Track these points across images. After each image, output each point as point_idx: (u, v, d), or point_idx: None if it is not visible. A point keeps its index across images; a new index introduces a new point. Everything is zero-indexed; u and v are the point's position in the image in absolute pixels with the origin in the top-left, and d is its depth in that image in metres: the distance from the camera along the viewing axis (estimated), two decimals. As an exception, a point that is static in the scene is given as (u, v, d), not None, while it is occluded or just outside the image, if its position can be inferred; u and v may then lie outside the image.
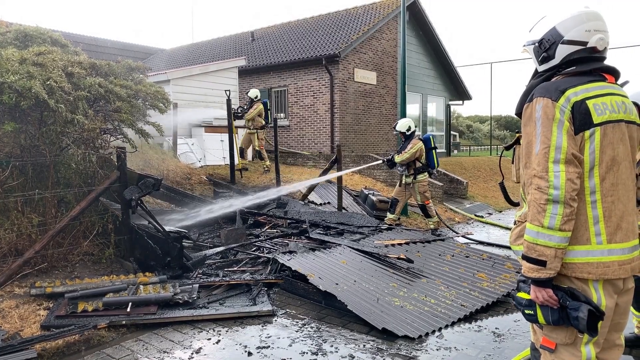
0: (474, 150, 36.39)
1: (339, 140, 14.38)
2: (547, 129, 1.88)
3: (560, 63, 2.02)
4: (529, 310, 1.98)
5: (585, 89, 1.92)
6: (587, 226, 1.91)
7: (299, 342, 3.77)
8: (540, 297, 1.91)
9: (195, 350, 3.62)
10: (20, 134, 5.01)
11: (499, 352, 3.60)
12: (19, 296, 4.37)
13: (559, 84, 1.94)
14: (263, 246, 6.21)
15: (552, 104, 1.89)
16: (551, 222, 1.85)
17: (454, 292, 4.73)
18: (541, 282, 1.90)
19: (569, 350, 1.98)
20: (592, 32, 1.98)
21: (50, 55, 5.38)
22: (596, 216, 1.91)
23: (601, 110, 1.90)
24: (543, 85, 1.98)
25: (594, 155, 1.90)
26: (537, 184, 1.88)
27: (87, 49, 9.87)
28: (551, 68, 2.05)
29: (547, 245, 1.87)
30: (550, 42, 2.02)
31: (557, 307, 1.90)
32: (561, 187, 1.83)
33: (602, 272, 1.90)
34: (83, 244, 5.31)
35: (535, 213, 1.89)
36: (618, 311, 2.03)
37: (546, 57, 2.05)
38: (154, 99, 6.89)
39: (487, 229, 9.20)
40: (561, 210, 1.84)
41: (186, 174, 9.51)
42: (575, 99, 1.89)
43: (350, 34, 15.34)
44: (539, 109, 1.91)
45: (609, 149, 1.91)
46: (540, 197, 1.87)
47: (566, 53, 2.01)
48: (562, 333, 1.97)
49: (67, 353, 3.58)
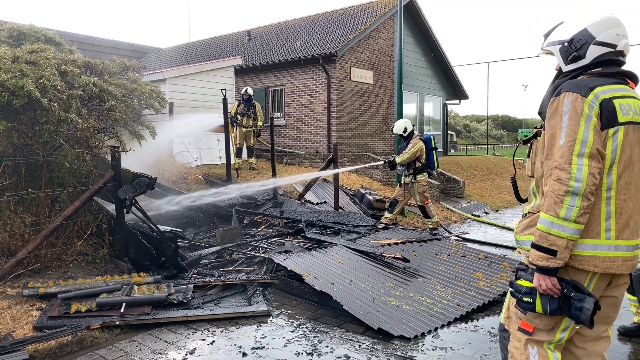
0: (471, 149, 36.46)
1: (335, 139, 14.34)
2: (575, 122, 1.93)
3: (590, 63, 2.07)
4: (527, 297, 2.03)
5: (612, 89, 1.98)
6: (599, 221, 1.97)
7: (294, 343, 3.74)
8: (544, 285, 1.96)
9: (190, 351, 3.59)
10: (12, 133, 4.96)
11: (495, 352, 3.58)
12: (12, 297, 4.32)
13: (587, 82, 1.99)
14: (259, 246, 6.18)
15: (582, 99, 1.94)
16: (567, 213, 1.90)
17: (450, 291, 4.72)
18: (548, 271, 1.95)
19: (545, 333, 2.08)
20: (621, 36, 2.06)
21: (43, 54, 5.32)
22: (609, 212, 1.97)
23: (626, 111, 1.98)
24: (572, 82, 2.03)
25: (615, 153, 1.96)
26: (558, 175, 1.92)
27: (82, 47, 9.80)
28: (579, 68, 2.10)
29: (560, 236, 1.92)
30: (582, 42, 2.07)
31: (557, 297, 1.95)
32: (583, 180, 1.88)
33: (608, 267, 1.97)
34: (77, 244, 5.26)
35: (552, 203, 1.93)
36: (608, 304, 2.11)
37: (577, 57, 2.09)
38: (149, 98, 6.86)
39: (483, 228, 9.20)
40: (579, 202, 1.89)
41: (182, 174, 9.47)
42: (604, 96, 1.95)
43: (347, 33, 15.31)
44: (567, 102, 1.96)
45: (628, 148, 1.98)
46: (560, 188, 1.91)
47: (597, 54, 2.06)
48: (547, 320, 2.06)
49: (59, 354, 3.55)
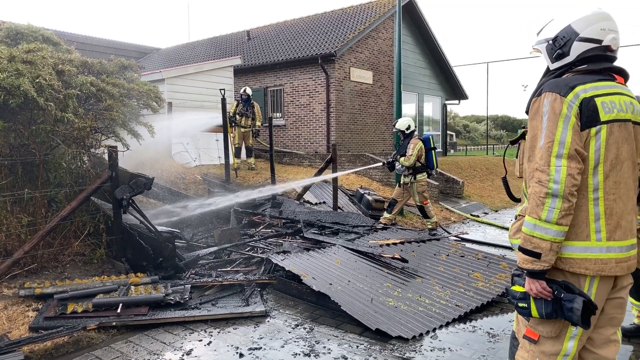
0: (470, 149, 36.43)
1: (335, 139, 14.32)
2: (553, 123, 1.90)
3: (575, 60, 2.04)
4: (522, 303, 2.01)
5: (595, 87, 1.94)
6: (587, 222, 1.93)
7: (292, 343, 3.72)
8: (534, 288, 1.94)
9: (186, 352, 3.57)
10: (9, 132, 4.94)
11: (493, 353, 3.56)
12: (8, 297, 4.30)
13: (569, 81, 1.96)
14: (257, 246, 6.16)
15: (560, 99, 1.90)
16: (549, 215, 1.87)
17: (449, 292, 4.69)
18: (535, 274, 1.93)
19: (551, 342, 2.01)
20: (607, 30, 2.00)
21: (40, 53, 5.30)
22: (597, 213, 1.93)
23: (609, 109, 1.92)
24: (553, 81, 2.00)
25: (599, 152, 1.92)
26: (538, 177, 1.90)
27: (81, 47, 9.77)
28: (564, 65, 2.07)
29: (543, 238, 1.89)
30: (566, 39, 2.04)
31: (550, 300, 1.92)
32: (561, 181, 1.85)
33: (600, 269, 1.92)
34: (74, 244, 5.24)
35: (534, 206, 1.91)
36: (613, 305, 2.05)
37: (561, 54, 2.06)
38: (147, 97, 6.83)
39: (483, 229, 9.18)
40: (559, 204, 1.86)
41: (180, 174, 9.45)
42: (584, 95, 1.91)
43: (346, 33, 15.29)
44: (546, 103, 1.93)
45: (614, 147, 1.92)
46: (540, 190, 1.89)
47: (581, 50, 2.02)
48: (549, 326, 2.00)
49: (55, 355, 3.52)
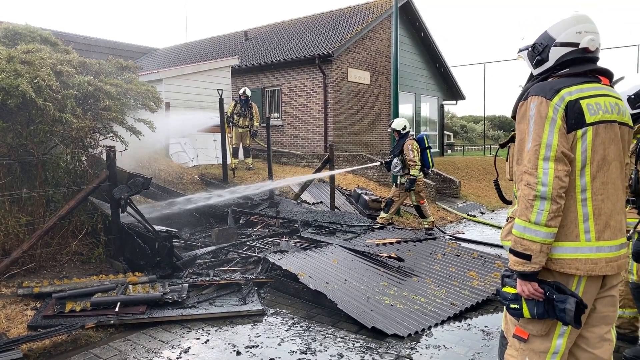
0: (468, 150, 36.47)
1: (332, 139, 14.36)
2: (540, 126, 1.92)
3: (554, 65, 2.07)
4: (514, 304, 2.02)
5: (580, 89, 1.96)
6: (576, 223, 1.95)
7: (288, 342, 3.75)
8: (526, 290, 1.96)
9: (184, 350, 3.60)
10: (7, 132, 4.96)
11: (487, 350, 3.61)
12: (6, 296, 4.32)
13: (554, 84, 1.99)
14: (254, 245, 6.19)
15: (546, 103, 1.93)
16: (538, 217, 1.90)
17: (444, 290, 4.74)
18: (527, 276, 1.95)
19: (540, 340, 2.04)
20: (583, 33, 2.03)
21: (38, 54, 5.32)
22: (586, 214, 1.95)
23: (594, 110, 1.94)
24: (538, 85, 2.02)
25: (585, 154, 1.94)
26: (527, 180, 1.93)
27: (79, 48, 9.77)
28: (546, 71, 2.10)
29: (533, 240, 1.91)
30: (543, 46, 2.07)
31: (542, 301, 1.94)
32: (549, 184, 1.88)
33: (590, 269, 1.94)
34: (72, 243, 5.26)
35: (524, 208, 1.94)
36: (605, 303, 2.06)
37: (540, 61, 2.10)
38: (145, 97, 6.85)
39: (479, 228, 9.23)
40: (548, 206, 1.88)
41: (178, 174, 9.47)
42: (570, 98, 1.93)
43: (343, 34, 15.33)
44: (533, 107, 1.95)
45: (601, 148, 1.95)
46: (529, 193, 1.91)
47: (559, 55, 2.05)
48: (539, 325, 2.02)
49: (53, 353, 3.55)
